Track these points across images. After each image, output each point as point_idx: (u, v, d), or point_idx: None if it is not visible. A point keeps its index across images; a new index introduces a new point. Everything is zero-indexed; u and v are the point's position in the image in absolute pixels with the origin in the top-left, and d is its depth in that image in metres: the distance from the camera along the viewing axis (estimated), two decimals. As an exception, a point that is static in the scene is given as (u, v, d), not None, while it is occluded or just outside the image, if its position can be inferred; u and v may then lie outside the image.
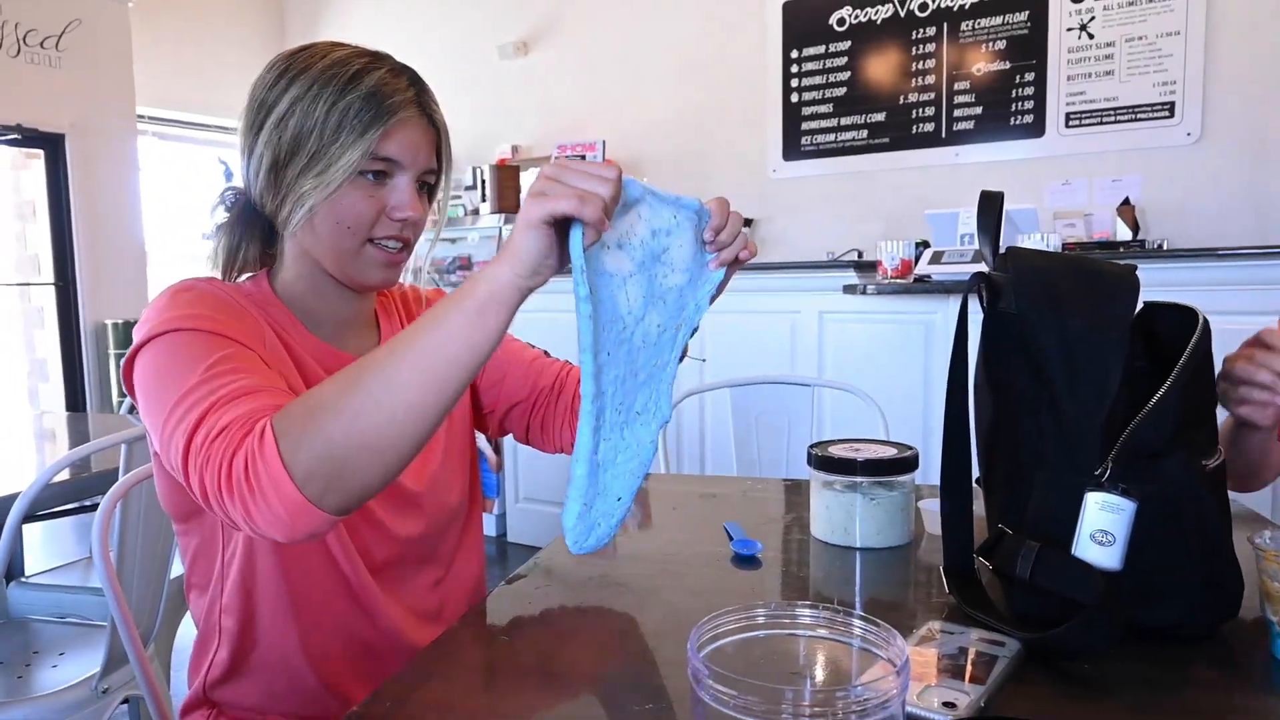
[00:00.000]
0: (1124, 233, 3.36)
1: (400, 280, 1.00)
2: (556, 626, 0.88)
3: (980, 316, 0.90)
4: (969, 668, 0.73)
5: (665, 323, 0.85)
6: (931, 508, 1.14)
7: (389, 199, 0.90)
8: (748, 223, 4.18)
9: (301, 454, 0.69)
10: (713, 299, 0.88)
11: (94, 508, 1.22)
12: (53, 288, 4.57)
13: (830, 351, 2.80)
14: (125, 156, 4.74)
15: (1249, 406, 0.94)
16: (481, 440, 3.62)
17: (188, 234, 5.27)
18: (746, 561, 1.06)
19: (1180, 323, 0.84)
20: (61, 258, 4.56)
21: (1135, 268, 0.85)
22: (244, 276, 0.97)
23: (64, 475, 1.64)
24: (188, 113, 5.27)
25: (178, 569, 1.66)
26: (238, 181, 0.96)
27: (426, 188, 0.96)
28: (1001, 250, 0.91)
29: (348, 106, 0.86)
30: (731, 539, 1.11)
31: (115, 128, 4.67)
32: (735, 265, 0.88)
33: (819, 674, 0.61)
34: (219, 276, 0.95)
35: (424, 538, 1.01)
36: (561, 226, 0.72)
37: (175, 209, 5.23)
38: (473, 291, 0.72)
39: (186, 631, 0.96)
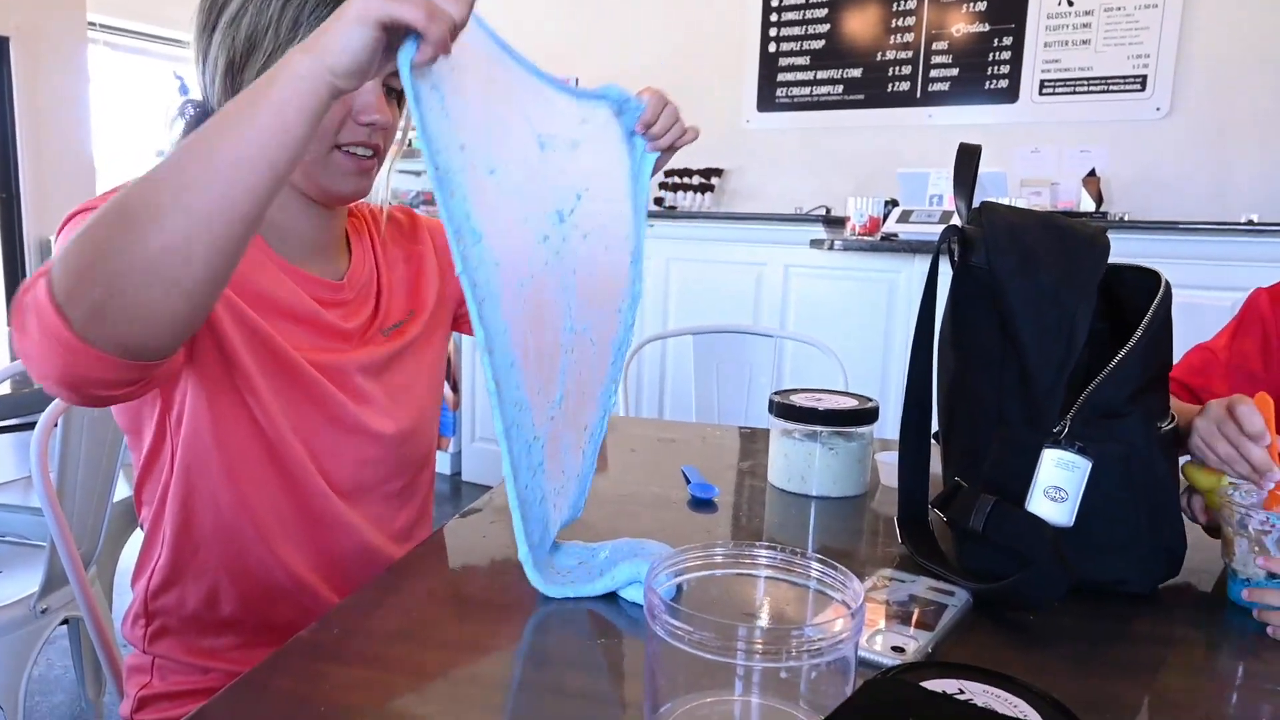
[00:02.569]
0: (1088, 204, 3.40)
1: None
2: (509, 561, 0.88)
3: (948, 274, 0.89)
4: (917, 614, 0.74)
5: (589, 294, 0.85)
6: (888, 460, 1.15)
7: (354, 101, 0.86)
8: (718, 173, 4.14)
9: (68, 273, 0.61)
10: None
11: (34, 425, 1.18)
12: (-6, 199, 4.39)
13: (794, 305, 2.80)
14: (74, 64, 4.52)
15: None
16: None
17: (140, 151, 5.08)
18: (703, 505, 1.06)
19: (1141, 286, 0.84)
20: (4, 168, 4.37)
21: (1105, 230, 0.86)
22: None
23: (3, 389, 1.58)
24: (142, 22, 5.04)
25: (122, 491, 1.62)
26: (195, 94, 0.91)
27: (395, 95, 0.92)
28: (975, 205, 0.90)
29: (303, 1, 0.82)
30: (689, 482, 1.11)
31: (64, 32, 4.45)
32: (670, 151, 0.92)
33: (774, 614, 0.61)
34: None
35: (394, 470, 0.99)
36: (392, 41, 0.63)
37: (127, 125, 5.03)
38: (270, 88, 0.61)
39: (131, 553, 0.94)
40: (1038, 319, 0.81)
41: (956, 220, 0.95)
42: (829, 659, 0.50)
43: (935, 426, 0.94)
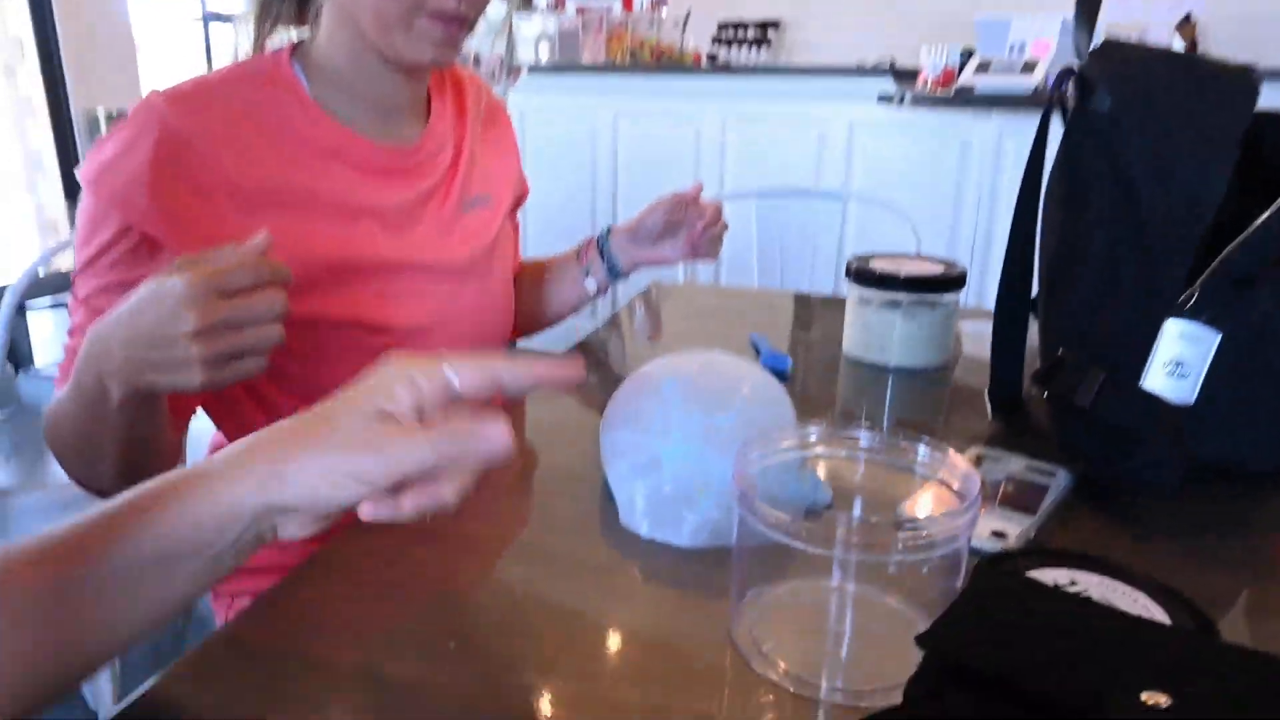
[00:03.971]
0: (1183, 50, 3.12)
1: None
2: (563, 429, 0.84)
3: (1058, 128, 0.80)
4: (1017, 495, 0.69)
5: None
6: (973, 330, 1.08)
7: None
8: (774, 25, 3.89)
9: None
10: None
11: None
12: (39, 74, 4.33)
13: (859, 166, 2.65)
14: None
15: None
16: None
17: (175, 18, 4.93)
18: (775, 376, 1.01)
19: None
20: (44, 39, 4.28)
21: (1252, 69, 0.74)
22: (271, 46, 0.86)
23: (67, 264, 1.57)
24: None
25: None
26: None
27: None
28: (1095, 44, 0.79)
29: None
30: (759, 353, 1.06)
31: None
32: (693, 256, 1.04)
33: (880, 502, 0.57)
34: (250, 39, 0.85)
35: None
36: None
37: (163, -11, 4.87)
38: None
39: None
40: (1163, 174, 0.72)
41: (1047, 64, 0.84)
42: (940, 553, 0.45)
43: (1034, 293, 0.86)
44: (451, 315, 0.90)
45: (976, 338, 1.07)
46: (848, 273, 1.05)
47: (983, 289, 2.34)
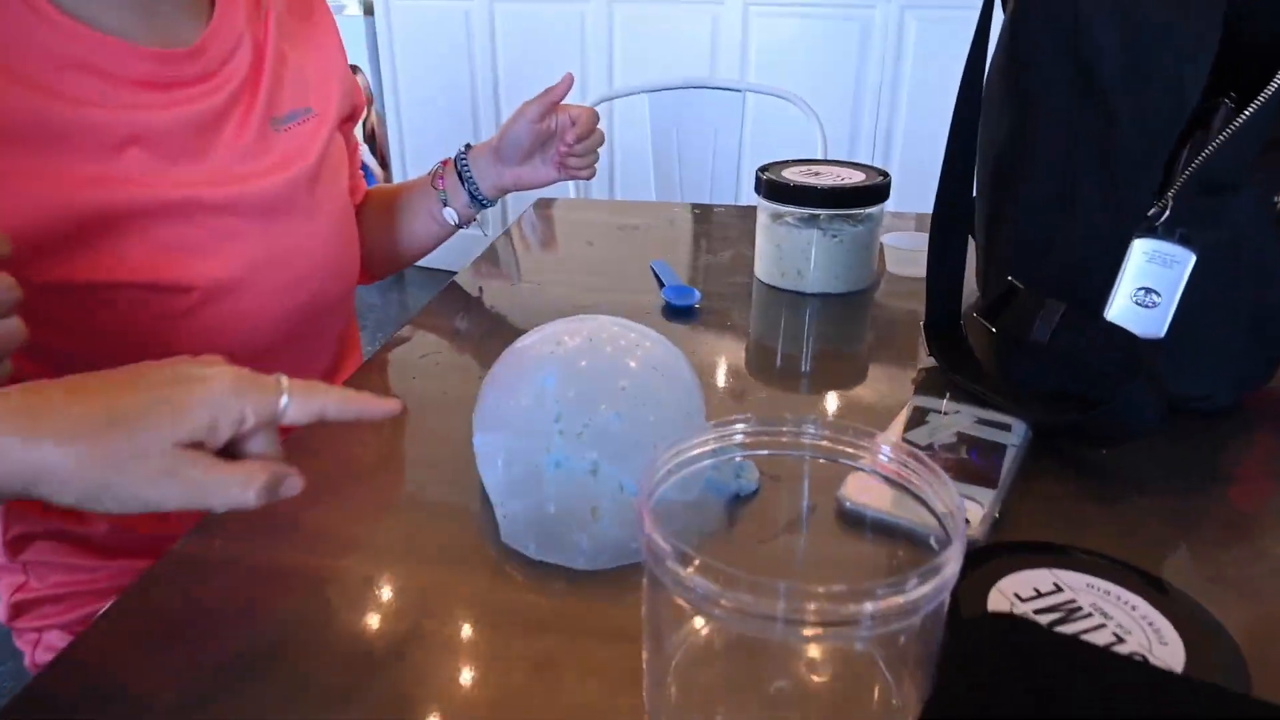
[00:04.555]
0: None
1: None
2: (449, 408, 0.70)
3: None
4: (972, 463, 0.58)
5: None
6: (896, 243, 0.97)
7: None
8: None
9: None
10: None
11: None
12: None
13: (755, 54, 2.48)
14: None
15: None
16: (367, 154, 3.24)
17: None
18: (681, 313, 0.88)
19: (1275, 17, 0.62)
20: None
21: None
22: None
23: None
24: None
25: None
26: None
27: None
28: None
29: None
30: (662, 285, 0.92)
31: None
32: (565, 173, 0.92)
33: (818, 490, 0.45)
34: None
35: (307, 308, 0.78)
36: None
37: None
38: None
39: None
40: (1136, 62, 0.60)
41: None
42: (925, 612, 0.33)
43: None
44: (270, 262, 0.73)
45: (899, 253, 0.96)
46: (757, 186, 0.92)
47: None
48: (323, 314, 0.81)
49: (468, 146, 0.94)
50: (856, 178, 0.89)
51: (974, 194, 0.74)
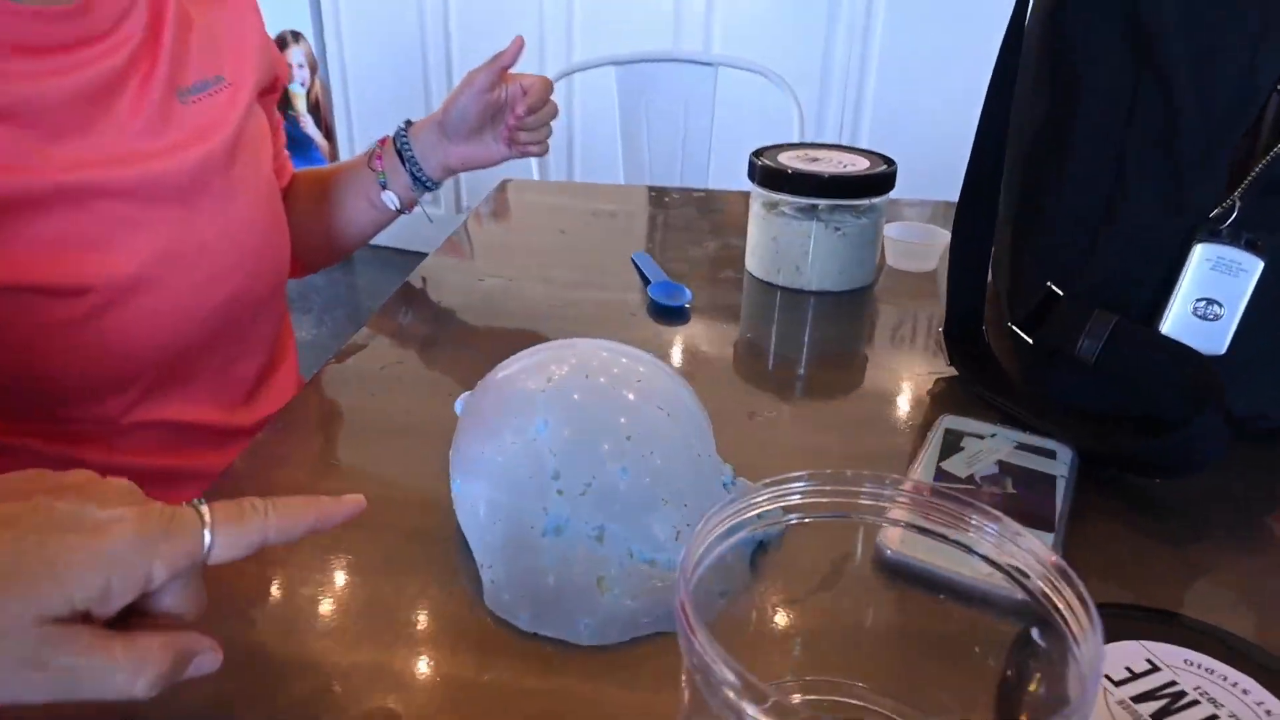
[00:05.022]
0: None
1: None
2: (416, 433, 0.61)
3: None
4: (1022, 500, 0.51)
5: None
6: (901, 236, 0.90)
7: None
8: None
9: None
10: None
11: None
12: None
13: (721, 25, 2.38)
14: None
15: None
16: (311, 126, 3.07)
17: None
18: (670, 314, 0.79)
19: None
20: None
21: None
22: None
23: None
24: None
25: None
26: None
27: None
28: None
29: None
30: (648, 282, 0.84)
31: None
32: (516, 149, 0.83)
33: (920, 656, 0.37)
34: None
35: (230, 309, 0.68)
36: None
37: None
38: None
39: None
40: (1205, 40, 0.53)
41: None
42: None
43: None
44: (182, 255, 0.63)
45: (901, 246, 0.89)
46: (751, 172, 0.83)
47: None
48: (249, 314, 0.71)
49: (408, 123, 0.84)
50: (859, 164, 0.82)
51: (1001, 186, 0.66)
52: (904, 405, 0.66)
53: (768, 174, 0.81)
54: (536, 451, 0.43)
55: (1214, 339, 0.54)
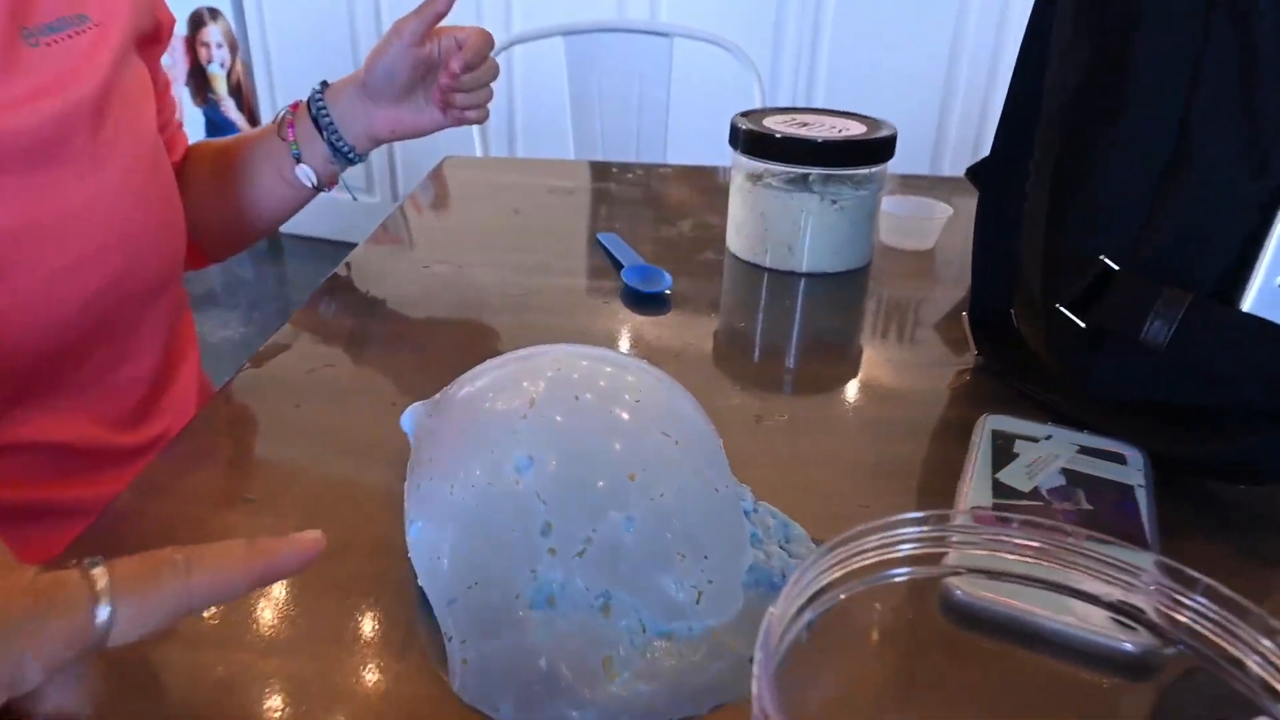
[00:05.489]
0: None
1: None
2: (361, 445, 0.50)
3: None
4: (1100, 514, 0.43)
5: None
6: (899, 210, 0.81)
7: None
8: None
9: None
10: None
11: None
12: None
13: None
14: None
15: None
16: (233, 110, 2.88)
17: None
18: (648, 302, 0.69)
19: None
20: None
21: None
22: None
23: None
24: None
25: None
26: None
27: None
28: None
29: None
30: (620, 266, 0.73)
31: None
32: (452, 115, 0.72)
33: None
34: None
35: (107, 306, 0.56)
36: None
37: None
38: None
39: None
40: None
41: None
42: None
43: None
44: (37, 231, 0.50)
45: (898, 221, 0.80)
46: (733, 138, 0.74)
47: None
48: (134, 307, 0.59)
49: (324, 85, 0.72)
50: (854, 129, 0.73)
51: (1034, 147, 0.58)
52: (926, 403, 0.57)
53: (753, 140, 0.71)
54: (520, 497, 0.33)
55: (1304, 318, 0.46)
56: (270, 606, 0.37)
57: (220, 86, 2.84)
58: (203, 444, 0.50)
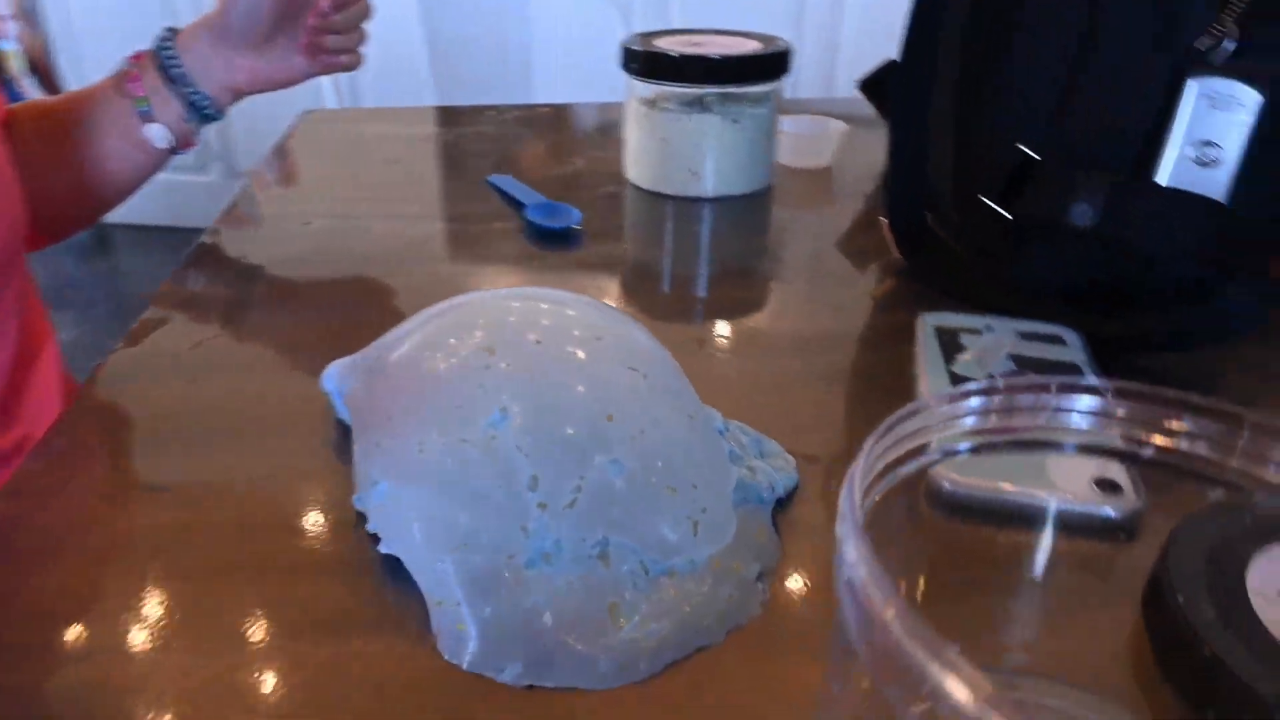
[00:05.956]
0: None
1: None
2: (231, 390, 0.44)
3: None
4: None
5: None
6: (798, 129, 0.80)
7: None
8: None
9: None
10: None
11: None
12: None
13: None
14: None
15: None
16: (38, 92, 2.59)
17: None
18: (557, 240, 0.66)
19: None
20: None
21: None
22: None
23: None
24: None
25: None
26: None
27: None
28: None
29: None
30: (523, 205, 0.69)
31: None
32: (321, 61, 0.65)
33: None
34: None
35: None
36: None
37: None
38: None
39: None
40: None
41: None
42: None
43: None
44: None
45: (797, 140, 0.79)
46: (626, 62, 0.70)
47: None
48: None
49: (172, 31, 0.64)
50: (748, 46, 0.71)
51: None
52: (854, 314, 0.56)
53: (650, 62, 0.68)
54: (499, 453, 0.30)
55: (1214, 187, 0.48)
56: (222, 609, 0.33)
57: (15, 64, 2.55)
58: (85, 436, 0.43)
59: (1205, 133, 0.47)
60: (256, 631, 0.31)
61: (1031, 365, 0.46)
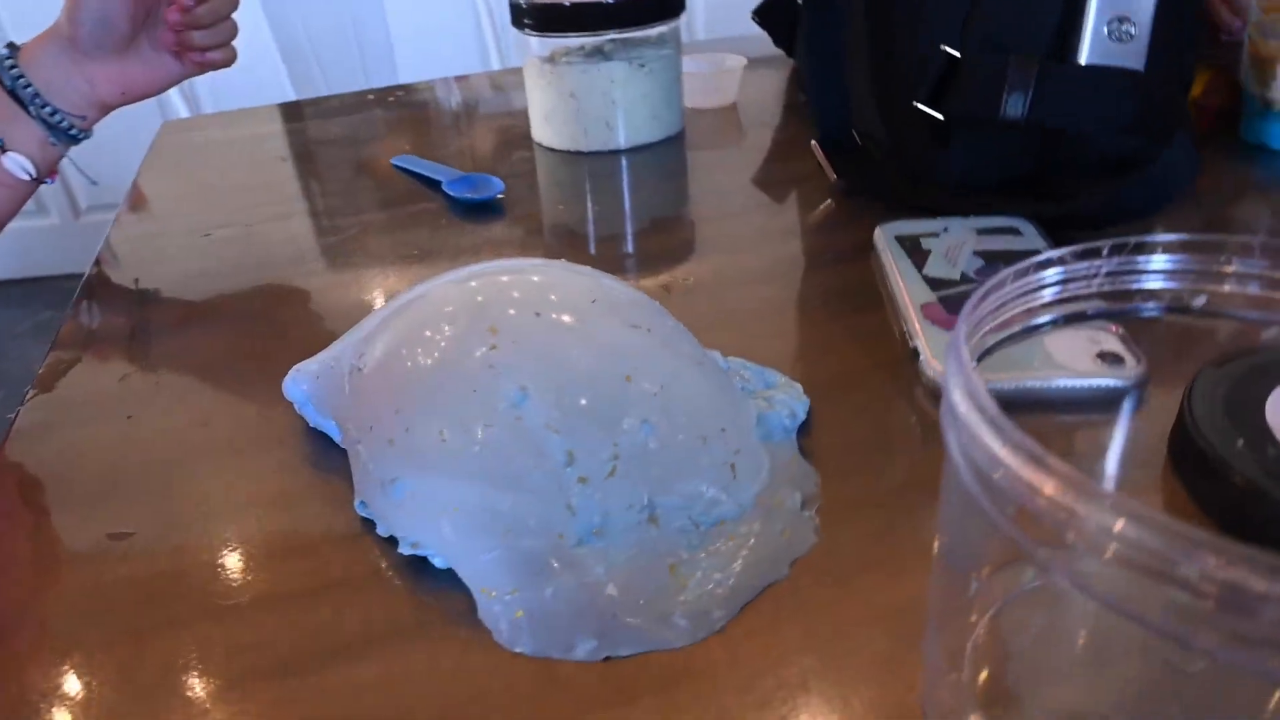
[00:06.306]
0: None
1: None
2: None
3: None
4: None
5: None
6: (701, 68, 0.79)
7: None
8: None
9: None
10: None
11: None
12: None
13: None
14: None
15: None
16: None
17: None
18: (482, 212, 0.63)
19: None
20: None
21: None
22: None
23: None
24: None
25: None
26: None
27: None
28: None
29: None
30: (437, 183, 0.66)
31: None
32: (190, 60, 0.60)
33: None
34: None
35: None
36: None
37: None
38: None
39: None
40: None
41: None
42: None
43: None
44: None
45: (702, 80, 0.78)
46: (518, 18, 0.67)
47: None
48: None
49: (11, 47, 0.57)
50: (636, -13, 0.68)
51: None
52: (803, 239, 0.56)
53: (545, 15, 0.66)
54: (529, 432, 0.28)
55: (1132, 60, 0.49)
56: (244, 648, 0.29)
57: None
58: (18, 484, 0.39)
59: (1117, 8, 0.49)
60: (292, 664, 0.28)
61: (1001, 257, 0.46)
